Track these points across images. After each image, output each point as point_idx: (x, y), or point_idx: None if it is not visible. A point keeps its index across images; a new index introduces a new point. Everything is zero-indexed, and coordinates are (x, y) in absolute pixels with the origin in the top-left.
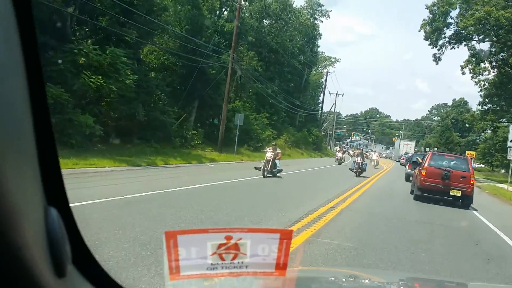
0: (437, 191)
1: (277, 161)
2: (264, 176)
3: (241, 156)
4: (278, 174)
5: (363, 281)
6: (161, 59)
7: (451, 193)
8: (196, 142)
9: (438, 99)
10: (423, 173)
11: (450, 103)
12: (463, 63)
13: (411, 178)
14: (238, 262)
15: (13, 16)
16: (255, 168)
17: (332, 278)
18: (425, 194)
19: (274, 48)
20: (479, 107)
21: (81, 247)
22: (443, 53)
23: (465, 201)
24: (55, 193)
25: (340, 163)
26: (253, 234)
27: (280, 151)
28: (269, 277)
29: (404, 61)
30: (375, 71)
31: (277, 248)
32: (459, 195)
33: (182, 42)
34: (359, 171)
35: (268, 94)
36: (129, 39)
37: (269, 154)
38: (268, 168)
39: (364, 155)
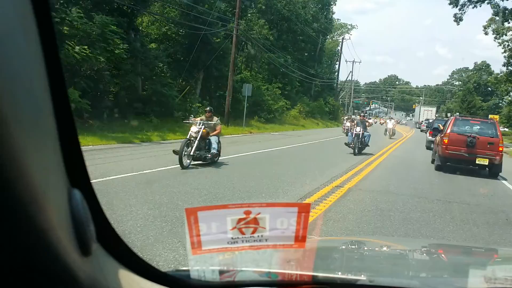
0: (461, 160)
1: (213, 139)
2: (183, 167)
3: (251, 129)
4: (218, 160)
5: (385, 249)
6: (163, 29)
7: (477, 162)
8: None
9: (459, 64)
10: (445, 140)
11: (471, 67)
12: (486, 23)
13: (432, 146)
14: (258, 236)
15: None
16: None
17: (354, 247)
18: (447, 163)
19: (286, 16)
20: (504, 69)
21: (105, 225)
22: (464, 12)
23: (493, 170)
24: (77, 175)
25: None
26: (271, 208)
27: (219, 122)
28: (289, 249)
29: (424, 27)
30: (394, 39)
31: (295, 221)
32: (486, 163)
33: (183, 9)
34: (358, 146)
35: (280, 63)
36: (124, 7)
37: (194, 129)
38: (192, 152)
39: (367, 124)
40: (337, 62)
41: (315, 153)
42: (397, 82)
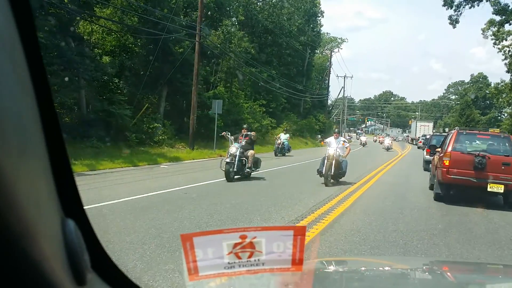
0: (468, 187)
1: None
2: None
3: (223, 151)
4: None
5: (385, 268)
6: (122, 39)
7: (489, 189)
8: (162, 137)
9: (454, 79)
10: (446, 161)
11: (467, 80)
12: (485, 25)
13: (430, 167)
14: (255, 260)
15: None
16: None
17: (353, 268)
18: (450, 192)
19: (269, 28)
20: (506, 77)
21: (100, 253)
22: (460, 14)
23: (510, 199)
24: (71, 204)
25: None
26: (267, 232)
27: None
28: (287, 273)
29: (417, 43)
30: (389, 55)
31: (291, 245)
32: (502, 190)
33: (143, 15)
34: None
35: (261, 78)
36: (60, 11)
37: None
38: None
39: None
40: (327, 77)
41: (273, 185)
42: (392, 98)
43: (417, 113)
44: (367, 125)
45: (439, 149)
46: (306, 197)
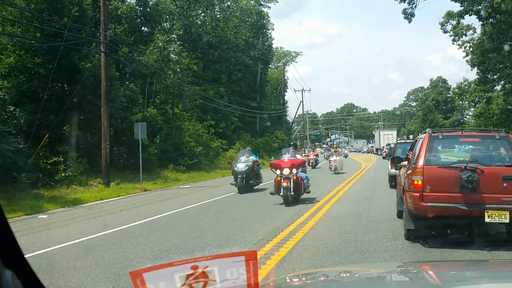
0: (455, 218)
1: None
2: None
3: (152, 183)
4: None
5: (355, 274)
6: (22, 58)
7: (487, 219)
8: (68, 173)
9: (412, 87)
10: (418, 181)
11: (426, 86)
12: (443, 19)
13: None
14: None
15: None
16: None
17: (323, 278)
18: (429, 220)
19: (213, 43)
20: (476, 71)
21: None
22: (415, 6)
23: None
24: (9, 255)
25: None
26: (218, 260)
27: None
28: None
29: (374, 55)
30: (348, 68)
31: (245, 270)
32: (507, 220)
33: (38, 26)
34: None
35: (202, 96)
36: None
37: None
38: None
39: None
40: (284, 92)
41: (179, 234)
42: (354, 110)
43: (379, 122)
44: (331, 138)
45: (405, 163)
46: None
